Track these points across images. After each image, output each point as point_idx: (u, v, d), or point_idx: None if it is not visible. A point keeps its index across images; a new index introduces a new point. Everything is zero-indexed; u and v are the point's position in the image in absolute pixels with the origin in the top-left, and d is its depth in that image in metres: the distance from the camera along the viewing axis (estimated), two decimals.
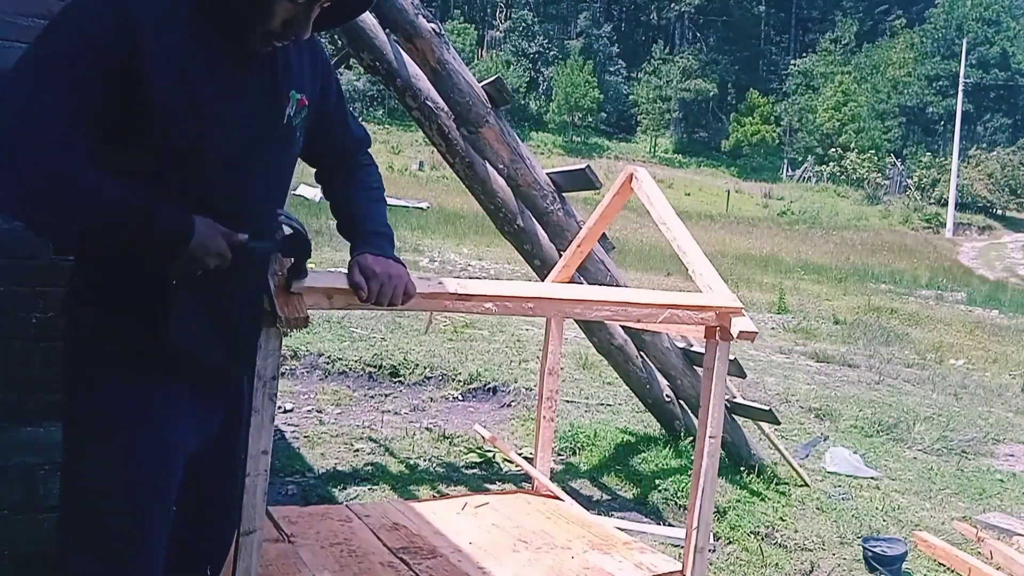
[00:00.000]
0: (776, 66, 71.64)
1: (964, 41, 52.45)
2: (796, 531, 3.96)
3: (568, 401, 5.85)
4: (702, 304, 2.30)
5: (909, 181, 51.83)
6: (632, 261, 16.52)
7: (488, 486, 4.21)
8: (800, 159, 57.80)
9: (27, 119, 1.40)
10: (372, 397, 5.72)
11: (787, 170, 57.89)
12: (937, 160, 51.74)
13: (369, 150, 1.92)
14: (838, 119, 56.71)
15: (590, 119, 61.48)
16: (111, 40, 1.44)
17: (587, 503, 3.95)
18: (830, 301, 15.30)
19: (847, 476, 4.95)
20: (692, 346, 4.47)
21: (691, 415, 4.72)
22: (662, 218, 2.66)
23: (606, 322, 4.28)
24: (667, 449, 4.70)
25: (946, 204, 46.39)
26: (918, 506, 4.59)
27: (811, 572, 3.60)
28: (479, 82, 3.85)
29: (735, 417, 4.55)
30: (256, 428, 1.78)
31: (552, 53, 66.80)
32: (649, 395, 4.67)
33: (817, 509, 4.26)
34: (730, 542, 3.80)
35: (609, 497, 4.26)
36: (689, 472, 2.59)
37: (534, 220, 4.03)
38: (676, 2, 71.16)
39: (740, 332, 2.25)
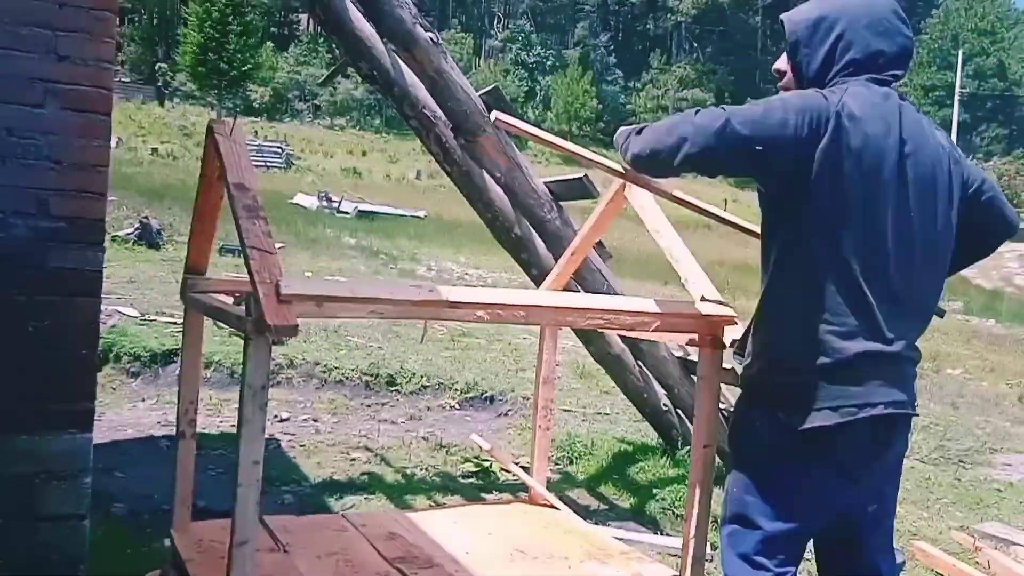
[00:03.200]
0: (773, 76, 71.91)
1: (960, 52, 52.70)
2: None
3: (565, 410, 5.84)
4: (694, 313, 2.30)
5: None
6: (629, 270, 16.53)
7: (485, 496, 4.20)
8: None
9: None
10: (368, 406, 5.71)
11: None
12: None
13: None
14: None
15: (588, 128, 61.69)
16: None
17: (584, 512, 3.93)
18: None
19: None
20: (689, 355, 4.47)
21: (689, 424, 4.71)
22: (655, 227, 2.66)
23: (602, 331, 4.28)
24: (664, 458, 4.69)
25: None
26: (915, 515, 4.58)
27: None
28: (477, 91, 3.86)
29: None
30: (246, 438, 1.78)
31: (550, 63, 67.03)
32: (646, 404, 4.66)
33: None
34: None
35: (606, 507, 4.25)
36: (686, 481, 2.58)
37: (531, 229, 4.03)
38: (673, 12, 71.44)
39: (732, 341, 2.24)
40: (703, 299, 2.38)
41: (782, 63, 2.13)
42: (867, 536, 2.07)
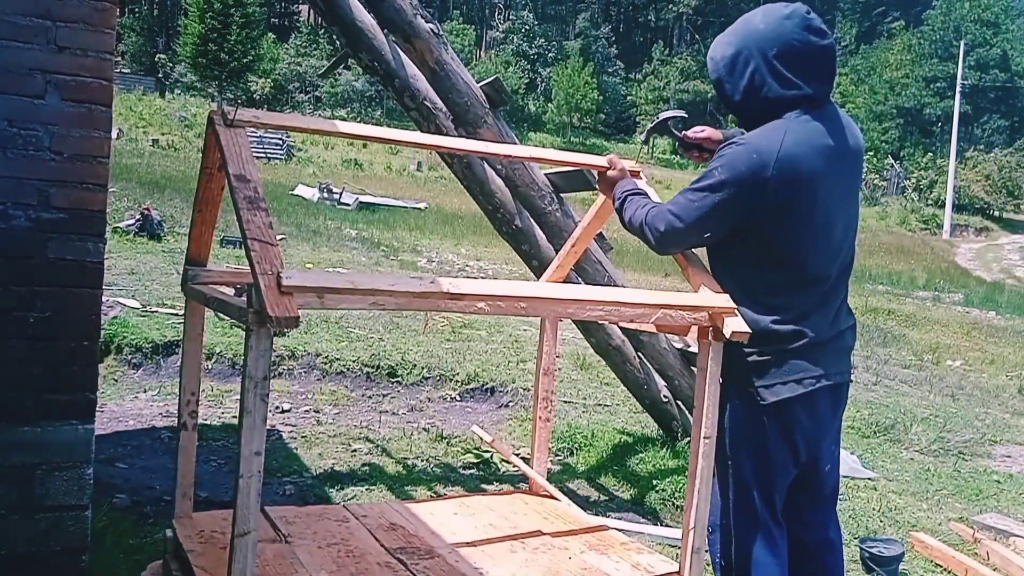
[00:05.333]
0: None
1: (962, 43, 52.51)
2: None
3: (566, 402, 5.85)
4: (695, 304, 2.30)
5: (906, 182, 51.91)
6: (630, 262, 16.53)
7: (485, 486, 4.21)
8: None
9: None
10: (370, 397, 5.72)
11: None
12: (934, 161, 51.84)
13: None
14: None
15: (588, 120, 61.58)
16: None
17: (584, 503, 3.95)
18: None
19: (844, 477, 4.95)
20: (690, 346, 4.47)
21: (689, 416, 4.72)
22: None
23: (602, 322, 4.28)
24: (664, 450, 4.70)
25: (943, 206, 46.50)
26: (915, 507, 4.60)
27: None
28: (478, 83, 3.86)
29: None
30: (248, 429, 1.79)
31: (551, 54, 66.87)
32: (647, 395, 4.67)
33: None
34: None
35: (606, 498, 4.27)
36: (686, 472, 2.59)
37: (532, 221, 4.03)
38: (674, 3, 71.18)
39: (733, 332, 2.25)
40: (703, 290, 2.38)
41: None
42: (821, 498, 2.49)
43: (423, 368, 6.13)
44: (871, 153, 52.51)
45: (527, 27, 68.74)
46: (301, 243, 13.47)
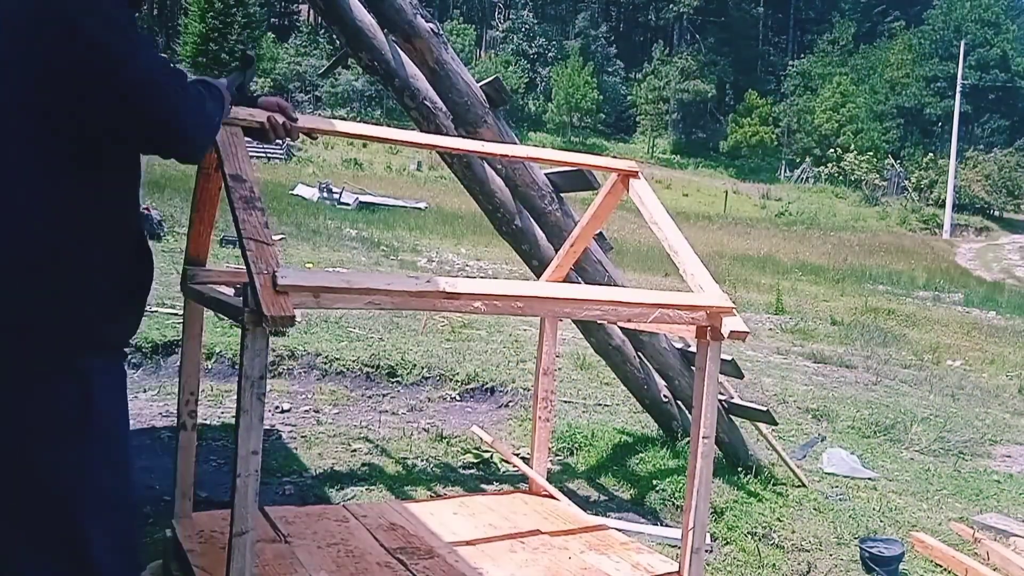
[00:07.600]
0: (774, 67, 71.81)
1: (962, 43, 52.50)
2: (793, 532, 3.96)
3: (566, 401, 5.85)
4: (693, 304, 2.30)
5: (907, 182, 51.93)
6: (630, 262, 16.53)
7: (485, 486, 4.21)
8: (798, 160, 57.94)
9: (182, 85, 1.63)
10: (369, 397, 5.71)
11: (785, 171, 58.01)
12: (935, 161, 51.87)
13: None
14: (836, 120, 56.89)
15: (588, 119, 61.59)
16: None
17: (584, 503, 3.95)
18: (827, 302, 15.32)
19: (844, 477, 4.96)
20: (690, 346, 4.47)
21: (689, 415, 4.72)
22: (653, 218, 2.66)
23: (602, 322, 4.28)
24: (664, 450, 4.70)
25: (943, 205, 46.52)
26: (915, 507, 4.59)
27: (808, 572, 3.60)
28: (478, 82, 3.86)
29: (732, 418, 4.55)
30: (245, 428, 1.78)
31: (551, 54, 66.89)
32: (647, 395, 4.67)
33: (814, 510, 4.26)
34: (727, 542, 3.80)
35: (606, 497, 4.26)
36: (686, 472, 2.59)
37: (532, 220, 4.03)
38: (674, 3, 71.20)
39: (731, 332, 2.25)
40: (701, 290, 2.38)
41: None
42: None
43: (423, 368, 6.13)
44: (871, 152, 52.50)
45: (527, 27, 68.74)
46: (301, 243, 13.47)
